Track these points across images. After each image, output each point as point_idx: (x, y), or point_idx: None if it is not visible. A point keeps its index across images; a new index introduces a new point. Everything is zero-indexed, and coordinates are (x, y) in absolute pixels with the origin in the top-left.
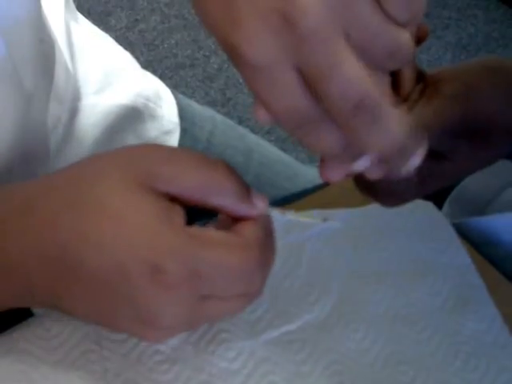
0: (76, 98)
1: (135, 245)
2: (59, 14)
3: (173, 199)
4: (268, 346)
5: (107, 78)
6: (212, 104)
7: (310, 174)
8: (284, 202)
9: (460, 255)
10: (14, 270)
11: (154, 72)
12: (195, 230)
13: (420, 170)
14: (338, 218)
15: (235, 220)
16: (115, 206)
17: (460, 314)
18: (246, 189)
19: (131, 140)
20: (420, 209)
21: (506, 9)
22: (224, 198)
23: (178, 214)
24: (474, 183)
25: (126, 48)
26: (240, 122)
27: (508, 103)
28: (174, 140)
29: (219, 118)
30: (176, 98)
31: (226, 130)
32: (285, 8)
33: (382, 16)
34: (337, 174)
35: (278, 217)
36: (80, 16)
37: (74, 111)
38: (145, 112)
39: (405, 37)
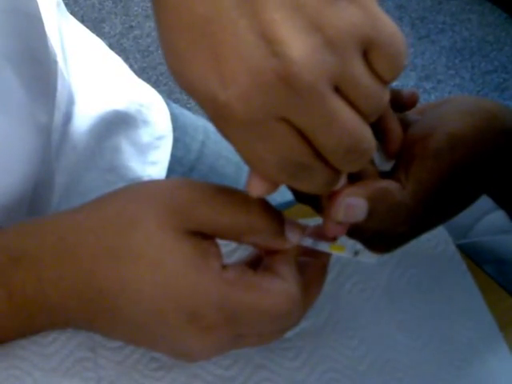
0: (70, 102)
1: (173, 293)
2: (51, 14)
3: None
4: (264, 353)
5: (100, 83)
6: None
7: None
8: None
9: (455, 262)
10: (54, 309)
11: (149, 78)
12: (232, 274)
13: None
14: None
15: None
16: (152, 254)
17: (455, 321)
18: (280, 223)
19: (124, 145)
20: None
21: (501, 12)
22: (257, 236)
23: (215, 257)
24: None
25: (120, 54)
26: None
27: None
28: (166, 145)
29: (212, 128)
30: (169, 106)
31: (219, 140)
32: (279, 66)
33: (372, 75)
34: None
35: (310, 245)
36: (72, 19)
37: (68, 116)
38: (138, 117)
39: (387, 95)
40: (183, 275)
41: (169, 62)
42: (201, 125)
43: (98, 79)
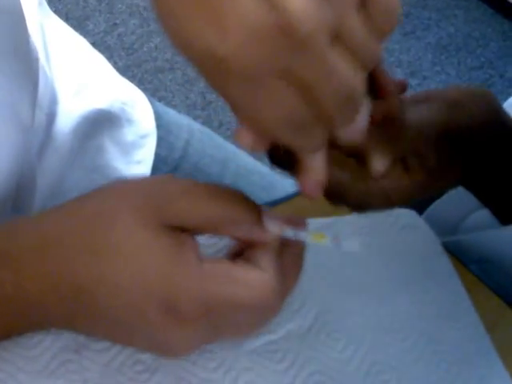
0: (53, 101)
1: (150, 285)
2: (32, 12)
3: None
4: (250, 356)
5: (83, 82)
6: (192, 107)
7: (285, 185)
8: None
9: (442, 263)
10: (33, 305)
11: (134, 76)
12: (209, 265)
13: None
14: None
15: (248, 243)
16: (130, 249)
17: (443, 322)
18: (258, 215)
19: (108, 144)
20: (403, 217)
21: (486, 8)
22: (236, 228)
23: (192, 249)
24: (442, 207)
25: (104, 52)
26: (220, 125)
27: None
28: (150, 143)
29: (196, 126)
30: (153, 105)
31: (203, 139)
32: (278, 18)
33: (368, 27)
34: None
35: (290, 236)
36: (54, 17)
37: (51, 116)
38: (122, 116)
39: (381, 48)
40: (159, 269)
41: (165, 22)
42: (185, 123)
43: (81, 78)
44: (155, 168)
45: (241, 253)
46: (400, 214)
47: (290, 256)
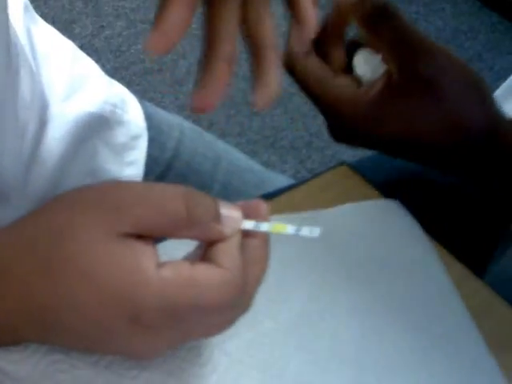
0: (44, 105)
1: (109, 300)
2: (18, 17)
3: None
4: (239, 349)
5: (73, 85)
6: (182, 108)
7: (277, 182)
8: None
9: (426, 251)
10: (1, 329)
11: (122, 78)
12: (168, 271)
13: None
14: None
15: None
16: (84, 263)
17: (428, 309)
18: (215, 212)
19: (100, 147)
20: (387, 207)
21: (474, 1)
22: (193, 229)
23: (149, 257)
24: None
25: (92, 55)
26: (210, 125)
27: None
28: (142, 144)
29: (187, 125)
30: (143, 106)
31: (194, 138)
32: None
33: None
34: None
35: (251, 229)
36: (41, 21)
37: (42, 120)
38: (112, 119)
39: None
40: (117, 280)
41: None
42: (176, 123)
43: (70, 82)
44: (147, 168)
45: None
46: (384, 204)
47: (254, 246)
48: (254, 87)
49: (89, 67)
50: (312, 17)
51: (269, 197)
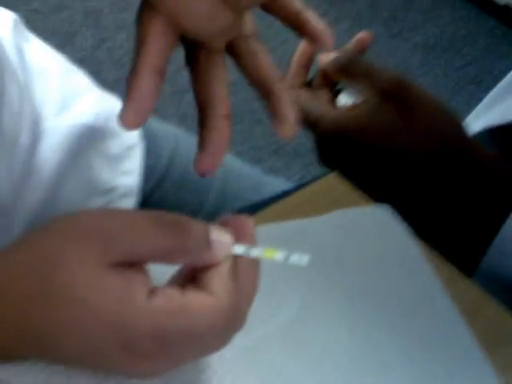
0: (36, 119)
1: (102, 328)
2: (7, 33)
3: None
4: (236, 355)
5: (66, 100)
6: (183, 119)
7: (273, 184)
8: (249, 212)
9: (415, 254)
10: None
11: (124, 91)
12: (159, 299)
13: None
14: (301, 234)
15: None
16: (77, 293)
17: (417, 311)
18: (206, 238)
19: (95, 158)
20: (376, 213)
21: (471, 7)
22: (184, 255)
23: (140, 285)
24: None
25: (93, 67)
26: None
27: None
28: (137, 155)
29: (182, 134)
30: None
31: (189, 147)
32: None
33: None
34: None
35: (241, 254)
36: (33, 38)
37: (35, 134)
38: (106, 130)
39: None
40: (109, 309)
41: None
42: (171, 133)
43: (63, 96)
44: (144, 177)
45: (193, 275)
46: (373, 210)
47: (245, 266)
48: (274, 124)
49: (81, 81)
50: (324, 31)
51: (262, 205)
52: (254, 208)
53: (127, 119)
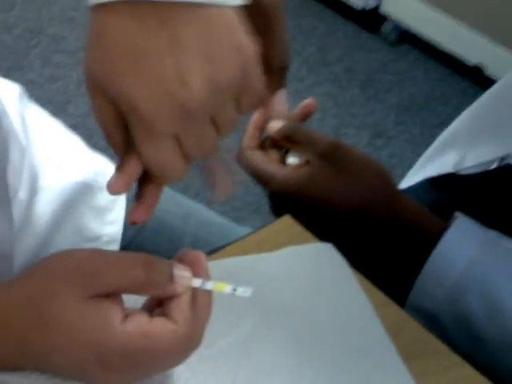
0: (34, 176)
1: (85, 349)
2: (14, 103)
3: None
4: (199, 362)
5: (61, 159)
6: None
7: (241, 232)
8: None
9: (351, 284)
10: (1, 361)
11: (113, 155)
12: (130, 326)
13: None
14: (250, 271)
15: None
16: (67, 321)
17: (351, 330)
18: (170, 275)
19: (84, 211)
20: (320, 249)
21: (444, 69)
22: (152, 289)
23: (115, 314)
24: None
25: (84, 133)
26: (196, 195)
27: None
28: (120, 206)
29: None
30: None
31: (166, 199)
32: (183, 99)
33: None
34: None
35: (198, 286)
36: (33, 106)
37: (34, 189)
38: (94, 185)
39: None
40: (90, 334)
41: (100, 72)
42: None
43: (58, 156)
44: (126, 227)
45: (160, 301)
46: (318, 247)
47: (202, 296)
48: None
49: (74, 143)
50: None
51: (226, 245)
52: (212, 252)
53: (114, 186)
